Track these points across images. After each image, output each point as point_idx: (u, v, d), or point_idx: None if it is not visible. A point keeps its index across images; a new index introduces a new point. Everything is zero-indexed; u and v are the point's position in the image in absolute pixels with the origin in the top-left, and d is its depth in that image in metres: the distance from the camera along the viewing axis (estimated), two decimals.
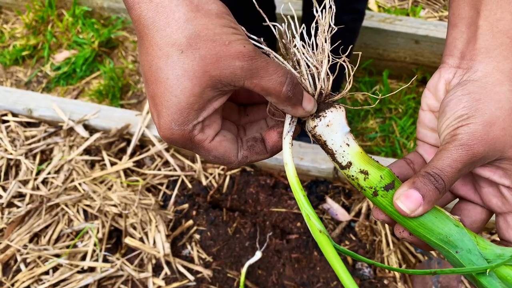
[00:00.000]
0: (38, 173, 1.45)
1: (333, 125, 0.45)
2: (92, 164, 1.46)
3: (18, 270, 1.27)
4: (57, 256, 1.28)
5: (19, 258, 1.27)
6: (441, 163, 0.42)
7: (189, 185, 1.42)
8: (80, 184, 1.40)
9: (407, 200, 0.41)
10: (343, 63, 0.48)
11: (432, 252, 1.27)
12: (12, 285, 1.23)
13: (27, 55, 2.12)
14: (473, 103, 0.43)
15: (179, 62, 0.38)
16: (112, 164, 1.45)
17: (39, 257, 1.28)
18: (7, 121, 1.55)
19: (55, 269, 1.26)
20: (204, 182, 1.43)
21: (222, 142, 0.45)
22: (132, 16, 0.40)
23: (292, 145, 0.46)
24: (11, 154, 1.48)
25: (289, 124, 0.46)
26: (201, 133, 0.43)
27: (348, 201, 1.37)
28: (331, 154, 0.46)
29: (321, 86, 0.46)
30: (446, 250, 0.43)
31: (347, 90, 0.47)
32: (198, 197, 1.40)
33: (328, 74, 0.46)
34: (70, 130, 1.51)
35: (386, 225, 1.29)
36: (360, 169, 0.44)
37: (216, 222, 1.34)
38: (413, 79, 0.58)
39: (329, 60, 0.46)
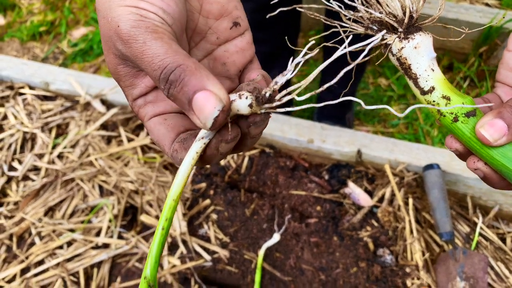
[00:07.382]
0: (54, 147, 1.43)
1: (420, 48, 0.44)
2: (108, 140, 1.43)
3: (32, 243, 1.25)
4: (72, 231, 1.25)
5: (33, 231, 1.25)
6: None
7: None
8: (96, 159, 1.38)
9: (492, 128, 0.40)
10: None
11: (457, 241, 1.22)
12: (27, 258, 1.22)
13: (44, 31, 2.10)
14: None
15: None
16: (129, 140, 1.42)
17: (54, 231, 1.26)
18: (24, 94, 1.53)
19: (69, 244, 1.24)
20: (222, 162, 1.39)
21: (156, 125, 0.39)
22: None
23: (198, 156, 0.36)
24: (27, 127, 1.46)
25: (201, 137, 0.36)
26: (142, 109, 0.40)
27: (371, 186, 1.33)
28: (414, 78, 0.45)
29: (411, 8, 0.45)
30: None
31: (441, 11, 0.46)
32: (216, 177, 1.36)
33: None
34: (87, 105, 1.48)
35: (410, 212, 1.24)
36: (443, 94, 0.44)
37: (234, 203, 1.30)
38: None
39: None
